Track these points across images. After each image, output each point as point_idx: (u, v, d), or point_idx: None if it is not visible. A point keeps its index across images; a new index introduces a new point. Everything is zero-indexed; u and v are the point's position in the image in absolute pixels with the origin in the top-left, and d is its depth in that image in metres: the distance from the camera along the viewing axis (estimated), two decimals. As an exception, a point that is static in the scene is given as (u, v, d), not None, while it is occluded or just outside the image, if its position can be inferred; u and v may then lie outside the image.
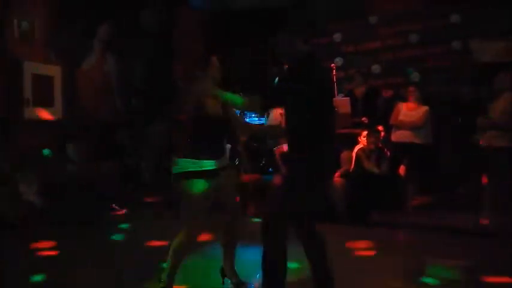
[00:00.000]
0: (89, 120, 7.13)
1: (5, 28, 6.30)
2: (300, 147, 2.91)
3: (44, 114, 6.69)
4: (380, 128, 6.15)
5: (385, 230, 5.42)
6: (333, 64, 6.75)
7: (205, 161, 3.13)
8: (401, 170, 6.04)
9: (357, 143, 6.16)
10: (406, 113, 6.24)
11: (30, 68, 6.51)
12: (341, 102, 6.11)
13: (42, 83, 6.69)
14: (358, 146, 6.11)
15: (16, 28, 6.40)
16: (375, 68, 7.82)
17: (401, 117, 6.24)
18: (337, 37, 8.18)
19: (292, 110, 2.97)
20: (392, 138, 6.33)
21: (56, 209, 5.64)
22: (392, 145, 6.28)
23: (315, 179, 2.89)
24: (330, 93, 3.31)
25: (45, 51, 6.82)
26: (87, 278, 3.88)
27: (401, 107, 6.31)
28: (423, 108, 6.21)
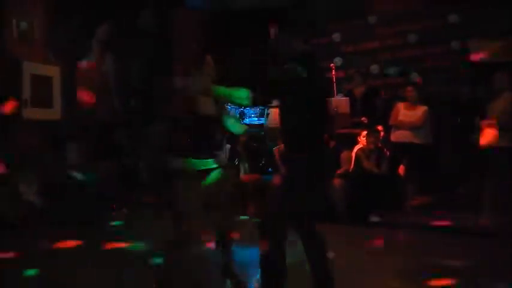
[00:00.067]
0: (87, 120, 7.12)
1: (4, 28, 6.29)
2: (300, 147, 2.91)
3: (43, 115, 6.68)
4: (379, 128, 6.16)
5: (385, 230, 5.40)
6: (332, 64, 6.75)
7: (199, 160, 3.14)
8: (401, 170, 6.05)
9: (356, 143, 6.16)
10: (406, 113, 6.24)
11: (29, 68, 6.50)
12: (340, 102, 6.11)
13: (41, 84, 6.69)
14: (358, 146, 6.11)
15: (15, 28, 6.40)
16: (374, 68, 7.83)
17: (401, 117, 6.23)
18: (336, 37, 8.20)
19: (292, 110, 2.97)
20: (392, 138, 6.33)
21: (56, 209, 5.64)
22: (392, 145, 6.28)
23: (315, 179, 2.89)
24: (327, 94, 3.32)
25: (44, 52, 6.81)
26: (87, 278, 3.87)
27: (401, 107, 6.32)
28: (422, 108, 6.20)
